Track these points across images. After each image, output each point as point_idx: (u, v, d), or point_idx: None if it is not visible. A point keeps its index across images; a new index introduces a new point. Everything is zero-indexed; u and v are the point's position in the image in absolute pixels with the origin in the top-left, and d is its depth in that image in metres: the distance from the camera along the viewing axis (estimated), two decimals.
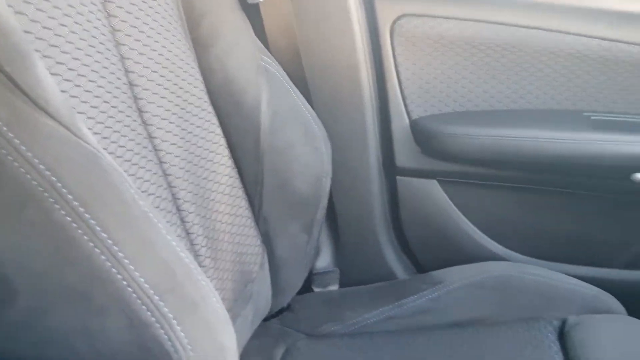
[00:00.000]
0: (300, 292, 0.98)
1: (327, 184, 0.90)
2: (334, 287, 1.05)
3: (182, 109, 0.70)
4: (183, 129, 0.70)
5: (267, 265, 0.87)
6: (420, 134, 1.02)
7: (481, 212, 1.09)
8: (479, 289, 0.90)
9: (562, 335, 0.80)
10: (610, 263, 1.07)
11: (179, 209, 0.67)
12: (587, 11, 0.93)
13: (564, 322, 0.82)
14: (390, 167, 1.07)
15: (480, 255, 1.04)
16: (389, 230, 1.11)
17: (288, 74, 0.88)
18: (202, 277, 0.50)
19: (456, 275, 0.94)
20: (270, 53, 0.90)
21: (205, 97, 0.77)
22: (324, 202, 0.90)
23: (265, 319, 0.92)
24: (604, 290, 0.89)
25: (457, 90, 1.01)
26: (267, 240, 0.86)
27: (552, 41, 0.94)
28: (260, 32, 0.93)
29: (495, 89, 1.00)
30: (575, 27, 0.93)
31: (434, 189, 1.07)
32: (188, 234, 0.68)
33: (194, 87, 0.74)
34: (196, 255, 0.69)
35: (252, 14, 0.89)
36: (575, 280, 0.90)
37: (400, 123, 1.03)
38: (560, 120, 0.98)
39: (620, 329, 0.81)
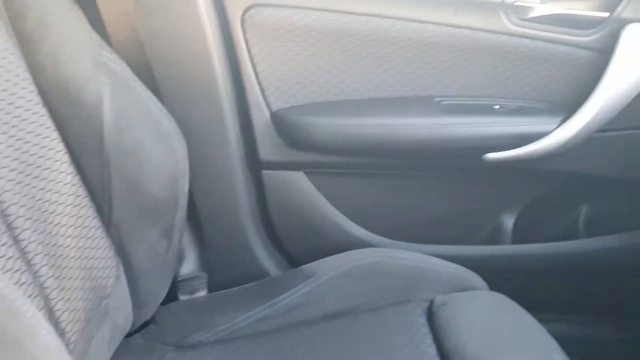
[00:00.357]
0: (165, 302, 0.91)
1: (184, 184, 0.85)
2: (202, 293, 1.00)
3: (8, 113, 0.62)
4: (11, 136, 0.61)
5: (123, 278, 0.80)
6: (282, 126, 1.00)
7: (349, 201, 1.09)
8: (349, 278, 0.90)
9: (431, 316, 0.82)
10: (471, 240, 1.13)
11: (10, 226, 0.59)
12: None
13: (431, 303, 0.84)
14: (254, 162, 1.04)
15: (351, 244, 1.05)
16: (258, 227, 1.08)
17: (133, 70, 0.81)
18: (29, 308, 0.44)
19: (327, 267, 0.94)
20: (112, 47, 0.82)
21: (37, 99, 0.68)
22: (183, 204, 0.85)
23: (128, 335, 0.85)
24: (467, 267, 0.92)
25: (315, 81, 1.00)
26: (121, 251, 0.79)
27: (402, 30, 0.96)
28: (98, 25, 0.85)
29: (351, 79, 1.00)
30: (423, 14, 0.96)
31: (301, 181, 1.05)
32: (23, 253, 0.60)
33: (22, 88, 0.66)
34: (35, 277, 0.61)
35: (87, 5, 0.81)
36: (440, 261, 0.92)
37: (260, 115, 1.00)
38: (413, 106, 1.01)
39: (483, 305, 0.85)
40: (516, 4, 0.93)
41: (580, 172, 1.06)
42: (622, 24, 0.92)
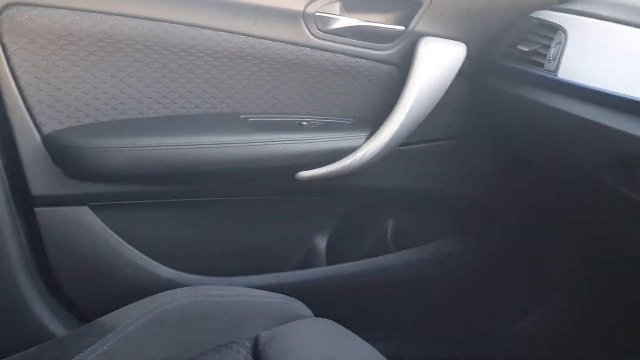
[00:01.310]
0: None
1: None
2: None
3: None
4: None
5: None
6: (58, 151, 0.82)
7: (148, 237, 0.94)
8: (159, 326, 0.75)
9: (258, 355, 0.71)
10: (290, 266, 1.06)
11: None
12: (228, 6, 0.87)
13: (257, 341, 0.73)
14: (23, 198, 0.84)
15: (155, 286, 0.89)
16: (34, 277, 0.87)
17: None
18: None
19: (130, 316, 0.77)
20: None
21: None
22: None
23: None
24: (290, 294, 0.84)
25: (98, 97, 0.84)
26: None
27: (196, 38, 0.86)
28: None
29: (142, 94, 0.87)
30: (219, 23, 0.87)
31: (85, 217, 0.87)
32: None
33: None
34: None
35: None
36: (261, 292, 0.83)
37: (28, 140, 0.81)
38: (217, 123, 0.91)
39: (311, 334, 0.77)
40: (317, 14, 0.90)
41: (385, 186, 1.07)
42: (417, 37, 0.94)
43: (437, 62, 0.93)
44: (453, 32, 0.95)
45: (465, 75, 0.98)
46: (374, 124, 0.97)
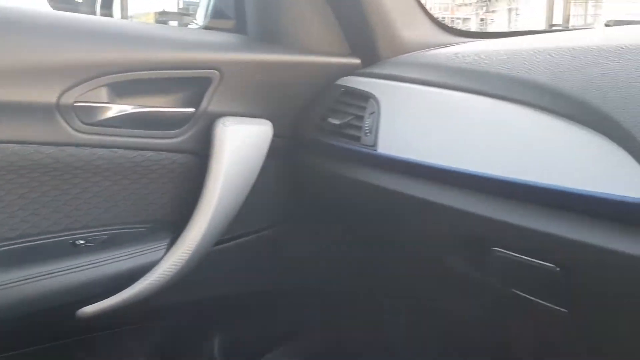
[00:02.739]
0: None
1: None
2: None
3: None
4: None
5: None
6: None
7: None
8: None
9: None
10: None
11: None
12: None
13: None
14: None
15: None
16: None
17: None
18: None
19: None
20: None
21: None
22: None
23: None
24: None
25: None
26: None
27: None
28: None
29: None
30: None
31: None
32: None
33: None
34: None
35: None
36: None
37: None
38: None
39: None
40: (77, 104, 0.70)
41: (206, 295, 0.88)
42: (212, 118, 0.78)
43: (240, 144, 0.78)
44: (254, 109, 0.81)
45: (279, 154, 0.84)
46: (177, 227, 0.78)
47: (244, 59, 0.79)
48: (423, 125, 0.68)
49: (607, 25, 0.95)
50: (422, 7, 0.89)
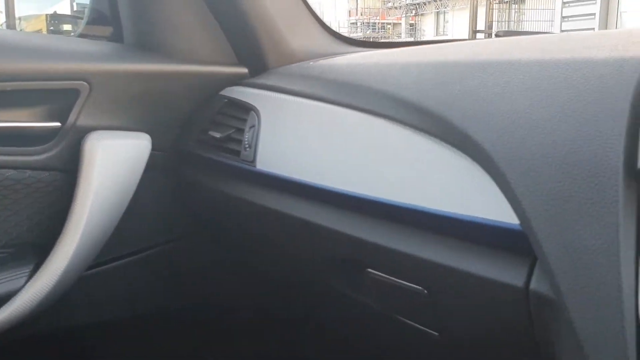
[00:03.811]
0: None
1: None
2: None
3: None
4: None
5: None
6: None
7: None
8: None
9: None
10: None
11: None
12: None
13: None
14: None
15: None
16: None
17: None
18: None
19: None
20: None
21: None
22: None
23: None
24: None
25: None
26: None
27: None
28: None
29: None
30: None
31: None
32: None
33: None
34: None
35: None
36: None
37: None
38: None
39: None
40: None
41: (83, 323, 0.82)
42: (82, 133, 0.72)
43: (113, 159, 0.73)
44: (130, 122, 0.76)
45: (161, 169, 0.79)
46: (43, 251, 0.72)
47: (116, 69, 0.74)
48: (300, 141, 0.65)
49: (497, 35, 0.95)
50: (314, 15, 0.86)
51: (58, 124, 0.71)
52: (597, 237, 0.39)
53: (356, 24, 22.99)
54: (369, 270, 0.58)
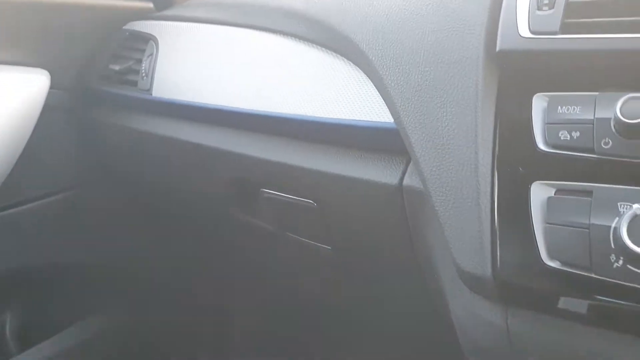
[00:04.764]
0: None
1: None
2: None
3: None
4: None
5: None
6: None
7: None
8: None
9: None
10: None
11: None
12: None
13: None
14: None
15: None
16: None
17: None
18: None
19: None
20: None
21: None
22: None
23: None
24: None
25: None
26: None
27: None
28: None
29: None
30: None
31: None
32: None
33: None
34: None
35: None
36: None
37: None
38: None
39: None
40: None
41: None
42: None
43: (6, 96, 0.69)
44: (25, 57, 0.72)
45: (62, 110, 0.76)
46: None
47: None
48: (194, 64, 0.63)
49: None
50: None
51: None
52: (456, 121, 0.39)
53: None
54: (263, 190, 0.57)
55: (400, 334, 0.74)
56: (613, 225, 0.32)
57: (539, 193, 0.36)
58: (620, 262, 0.32)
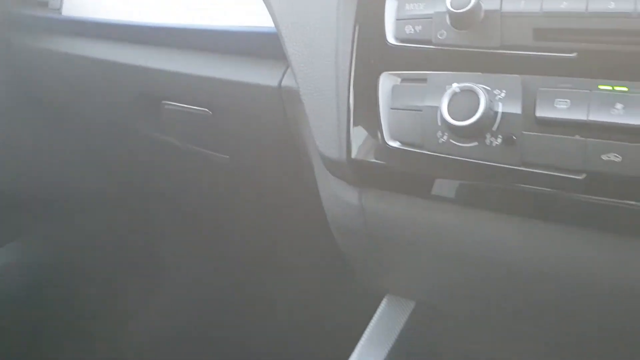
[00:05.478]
0: None
1: None
2: None
3: None
4: None
5: None
6: None
7: None
8: None
9: None
10: None
11: None
12: None
13: None
14: None
15: None
16: None
17: None
18: None
19: None
20: None
21: None
22: None
23: None
24: None
25: None
26: None
27: None
28: None
29: None
30: None
31: None
32: None
33: None
34: None
35: None
36: None
37: None
38: None
39: None
40: None
41: None
42: None
43: None
44: None
45: None
46: None
47: None
48: None
49: None
50: None
51: None
52: (320, 20, 0.43)
53: None
54: (164, 102, 0.60)
55: (292, 235, 0.79)
56: (439, 105, 0.37)
57: (387, 82, 0.40)
58: (445, 137, 0.37)
